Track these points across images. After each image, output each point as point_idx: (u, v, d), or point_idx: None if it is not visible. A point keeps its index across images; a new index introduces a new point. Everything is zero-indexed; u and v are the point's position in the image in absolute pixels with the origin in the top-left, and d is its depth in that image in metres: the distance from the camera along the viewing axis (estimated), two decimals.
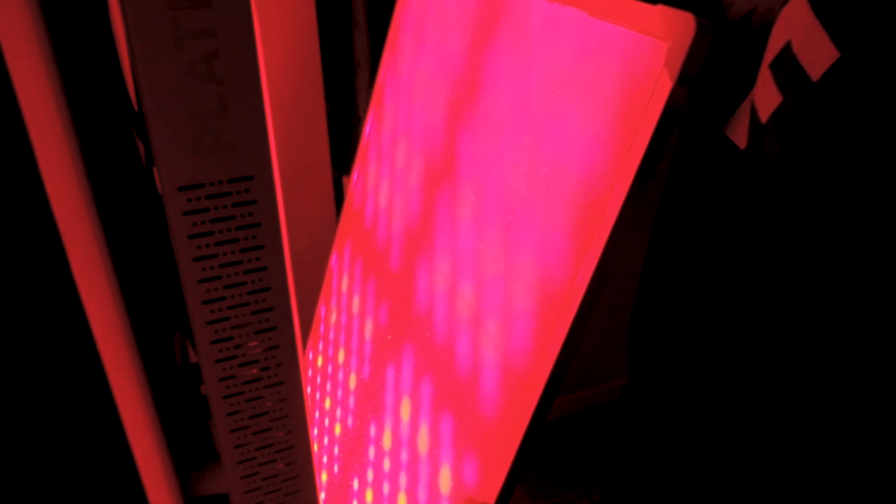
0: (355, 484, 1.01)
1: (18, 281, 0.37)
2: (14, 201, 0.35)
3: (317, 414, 1.20)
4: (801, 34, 0.48)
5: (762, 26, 0.53)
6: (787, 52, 0.50)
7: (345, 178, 1.46)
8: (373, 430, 0.96)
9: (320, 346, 1.22)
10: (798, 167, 0.50)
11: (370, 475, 0.96)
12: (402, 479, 0.87)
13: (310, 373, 1.26)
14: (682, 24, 0.52)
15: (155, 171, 0.42)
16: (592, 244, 0.59)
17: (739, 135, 0.56)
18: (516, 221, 0.69)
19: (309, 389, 1.25)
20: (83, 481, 0.42)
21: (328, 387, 1.16)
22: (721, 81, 0.57)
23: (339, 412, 1.10)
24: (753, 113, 0.53)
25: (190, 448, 0.60)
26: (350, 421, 1.05)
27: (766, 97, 0.52)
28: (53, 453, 0.41)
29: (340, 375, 1.11)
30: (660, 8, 0.54)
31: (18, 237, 0.36)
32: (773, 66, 0.51)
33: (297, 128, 1.35)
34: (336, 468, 1.09)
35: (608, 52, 0.59)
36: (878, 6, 0.42)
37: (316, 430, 1.19)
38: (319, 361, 1.22)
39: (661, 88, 0.53)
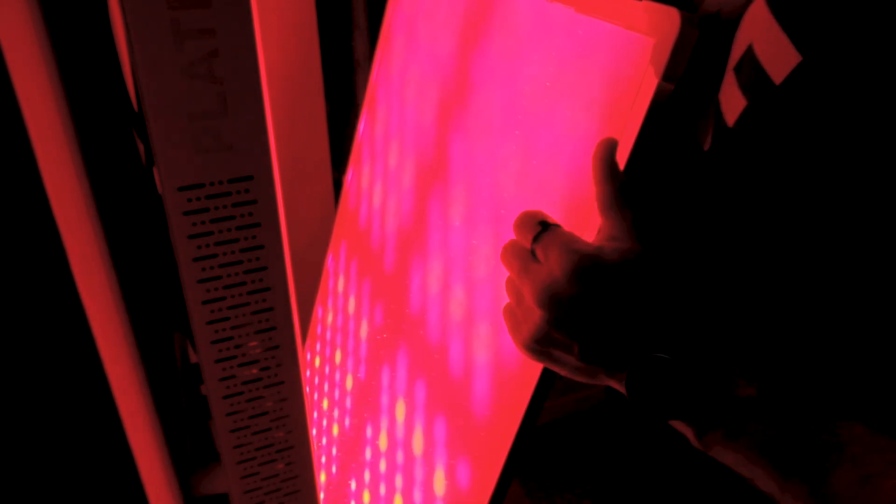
0: (353, 485, 1.01)
1: (18, 281, 0.37)
2: (14, 201, 0.35)
3: (315, 414, 1.20)
4: (762, 37, 0.48)
5: (728, 27, 0.54)
6: (749, 56, 0.50)
7: (345, 178, 1.46)
8: (369, 432, 0.96)
9: (318, 347, 1.23)
10: (763, 171, 0.50)
11: (367, 476, 0.96)
12: (398, 481, 0.87)
13: (307, 373, 1.26)
14: (668, 20, 0.51)
15: (155, 171, 0.42)
16: None
17: (704, 136, 0.56)
18: (507, 219, 0.69)
19: (307, 390, 1.25)
20: (83, 481, 0.42)
21: (326, 387, 1.16)
22: (689, 79, 0.58)
23: (336, 413, 1.10)
24: (719, 115, 0.53)
25: (190, 448, 0.60)
26: (347, 422, 1.05)
27: (731, 100, 0.52)
28: (53, 453, 0.41)
29: (337, 376, 1.11)
30: (645, 4, 0.54)
31: (18, 237, 0.36)
32: (737, 70, 0.51)
33: (297, 128, 1.35)
34: (334, 469, 1.09)
35: (594, 48, 0.59)
36: (835, 9, 0.43)
37: (314, 431, 1.18)
38: (317, 362, 1.22)
39: (647, 85, 0.53)
